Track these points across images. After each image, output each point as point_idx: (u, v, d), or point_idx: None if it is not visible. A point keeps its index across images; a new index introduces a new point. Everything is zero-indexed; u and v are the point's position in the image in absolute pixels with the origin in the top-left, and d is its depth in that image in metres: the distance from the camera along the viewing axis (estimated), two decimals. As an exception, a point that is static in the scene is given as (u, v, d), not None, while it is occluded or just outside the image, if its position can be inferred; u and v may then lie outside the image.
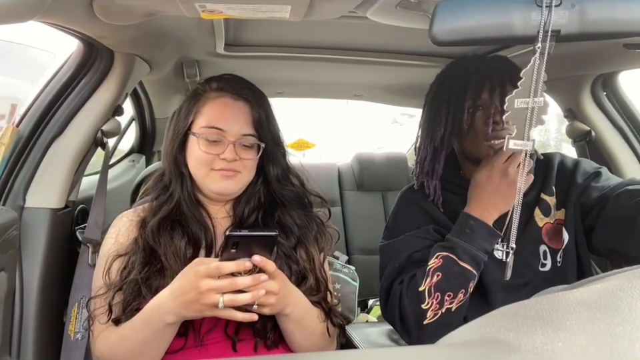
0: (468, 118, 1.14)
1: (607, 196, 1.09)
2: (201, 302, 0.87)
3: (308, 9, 0.98)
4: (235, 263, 0.86)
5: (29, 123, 1.30)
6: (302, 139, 1.56)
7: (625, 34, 0.79)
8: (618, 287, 0.36)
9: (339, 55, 1.73)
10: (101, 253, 1.09)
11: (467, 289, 1.08)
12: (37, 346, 1.21)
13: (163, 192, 1.11)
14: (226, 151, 1.05)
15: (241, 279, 0.87)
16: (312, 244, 1.13)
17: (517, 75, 1.18)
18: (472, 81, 1.14)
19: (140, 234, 1.06)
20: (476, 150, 1.16)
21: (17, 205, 1.24)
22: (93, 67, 1.35)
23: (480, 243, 1.08)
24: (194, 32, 1.46)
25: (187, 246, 1.04)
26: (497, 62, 1.20)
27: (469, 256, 1.07)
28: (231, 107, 1.08)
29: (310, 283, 1.07)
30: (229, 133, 1.06)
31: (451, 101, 1.15)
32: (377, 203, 2.69)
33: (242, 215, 1.12)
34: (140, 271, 1.00)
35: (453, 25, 0.76)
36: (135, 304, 0.99)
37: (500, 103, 1.12)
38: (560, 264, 1.16)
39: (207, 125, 1.06)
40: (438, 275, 1.08)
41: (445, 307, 1.07)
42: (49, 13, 0.94)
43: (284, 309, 0.97)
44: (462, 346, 0.37)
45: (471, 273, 1.08)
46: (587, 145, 1.72)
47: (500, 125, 1.11)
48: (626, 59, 1.40)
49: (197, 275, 0.87)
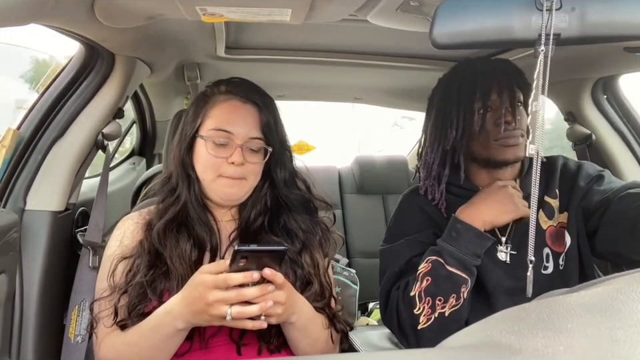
0: (479, 119, 1.14)
1: (609, 199, 1.09)
2: (209, 313, 0.87)
3: (308, 12, 0.98)
4: (242, 275, 0.85)
5: (30, 125, 1.30)
6: (302, 141, 1.56)
7: (626, 37, 0.79)
8: (619, 290, 0.36)
9: (339, 57, 1.73)
10: (105, 256, 1.09)
11: (459, 294, 1.07)
12: (37, 349, 1.21)
13: (169, 195, 1.11)
14: (234, 154, 1.04)
15: (249, 290, 0.86)
16: (317, 249, 1.12)
17: (522, 78, 1.20)
18: (480, 83, 1.15)
19: (145, 237, 1.06)
20: (486, 151, 1.16)
21: (17, 207, 1.24)
22: (94, 70, 1.36)
23: (467, 246, 1.07)
24: (195, 35, 1.46)
25: (192, 249, 1.04)
26: (503, 64, 1.22)
27: (455, 259, 1.06)
28: (239, 110, 1.07)
29: (315, 289, 1.07)
30: (236, 136, 1.05)
31: (460, 103, 1.15)
32: (378, 206, 2.69)
33: (248, 218, 1.11)
34: (145, 273, 1.00)
35: (454, 28, 0.77)
36: (140, 307, 0.98)
37: (510, 103, 1.13)
38: (562, 267, 1.16)
39: (215, 127, 1.06)
40: (427, 280, 1.08)
41: (437, 312, 1.06)
42: (50, 15, 0.94)
43: (290, 317, 0.97)
44: (463, 349, 0.37)
45: (460, 278, 1.06)
46: (587, 149, 1.72)
47: (512, 125, 1.12)
48: (626, 62, 1.40)
49: (204, 286, 0.87)
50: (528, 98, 1.17)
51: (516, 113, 1.13)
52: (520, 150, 1.14)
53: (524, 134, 1.14)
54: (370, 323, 2.06)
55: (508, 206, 1.07)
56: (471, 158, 1.21)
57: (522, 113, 1.15)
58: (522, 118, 1.14)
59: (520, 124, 1.14)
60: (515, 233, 1.17)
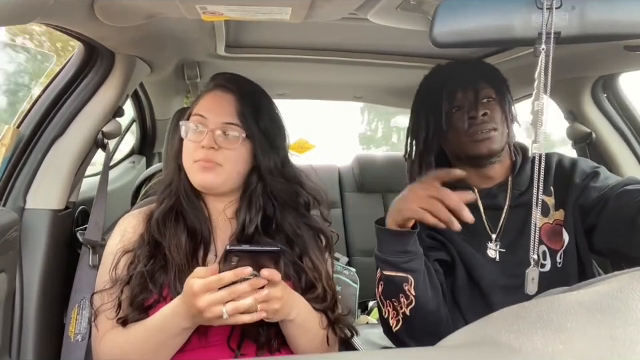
0: (447, 119, 1.17)
1: (607, 196, 1.09)
2: (204, 316, 0.88)
3: (308, 10, 0.98)
4: (233, 272, 0.86)
5: (30, 123, 1.30)
6: (302, 139, 1.56)
7: (626, 36, 0.79)
8: (618, 288, 0.36)
9: (339, 56, 1.73)
10: (105, 252, 1.10)
11: (405, 293, 1.05)
12: (37, 347, 1.21)
13: (166, 187, 1.15)
14: (205, 138, 1.06)
15: (239, 285, 0.87)
16: (314, 252, 1.12)
17: (496, 75, 1.21)
18: (447, 84, 1.18)
19: (146, 229, 1.09)
20: (461, 149, 1.18)
21: (17, 206, 1.24)
22: (93, 68, 1.35)
23: (387, 247, 1.06)
24: (195, 33, 1.46)
25: (187, 239, 1.06)
26: (473, 65, 1.28)
27: (384, 263, 1.06)
28: (217, 98, 1.11)
29: (318, 293, 1.07)
30: (210, 121, 1.08)
31: (430, 105, 1.20)
32: (378, 204, 2.69)
33: (244, 221, 1.10)
34: (145, 263, 1.02)
35: (454, 27, 0.77)
36: (141, 298, 1.00)
37: (474, 99, 1.15)
38: (560, 264, 1.16)
39: (193, 113, 1.11)
40: (381, 284, 1.09)
41: (400, 313, 1.07)
42: (50, 14, 0.94)
43: (289, 313, 0.97)
44: (462, 348, 0.37)
45: (397, 278, 1.05)
46: (587, 147, 1.72)
47: (477, 119, 1.14)
48: (626, 60, 1.40)
49: (192, 294, 0.88)
50: (503, 94, 1.19)
51: (481, 107, 1.15)
52: (492, 143, 1.15)
53: (496, 127, 1.15)
54: (370, 322, 2.06)
55: (399, 205, 1.03)
56: (457, 158, 1.23)
57: (492, 108, 1.16)
58: (492, 112, 1.15)
59: (490, 118, 1.15)
60: (505, 231, 1.18)
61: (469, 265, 1.16)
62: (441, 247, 1.18)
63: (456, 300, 1.17)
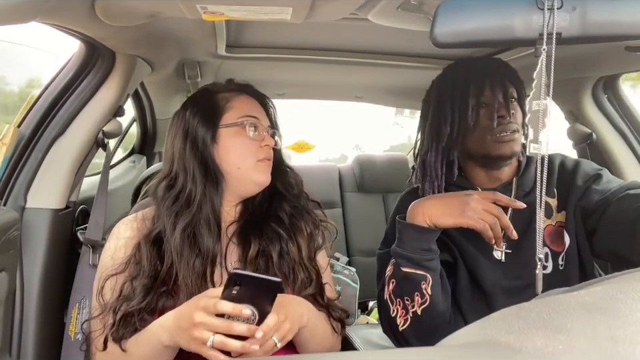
0: (473, 115, 1.15)
1: (608, 200, 1.09)
2: (192, 333, 0.84)
3: (309, 11, 0.98)
4: (232, 306, 0.81)
5: (31, 123, 1.30)
6: (302, 140, 1.56)
7: (627, 36, 0.79)
8: (618, 289, 0.36)
9: (340, 56, 1.73)
10: (99, 265, 1.07)
11: (422, 291, 1.05)
12: (38, 346, 1.21)
13: (177, 199, 1.04)
14: (266, 137, 1.09)
15: (238, 325, 0.82)
16: (303, 237, 1.10)
17: (515, 75, 1.20)
18: (474, 80, 1.16)
19: (144, 239, 1.02)
20: (482, 147, 1.16)
21: (17, 205, 1.24)
22: (94, 68, 1.35)
23: (410, 243, 1.06)
24: (195, 33, 1.46)
25: (200, 262, 1.00)
26: (495, 62, 1.24)
27: (404, 259, 1.06)
28: (254, 102, 1.13)
29: (301, 278, 1.06)
30: (262, 121, 1.10)
31: (455, 100, 1.17)
32: (378, 204, 2.69)
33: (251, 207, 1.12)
34: (144, 295, 0.97)
35: (454, 27, 0.77)
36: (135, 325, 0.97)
37: (503, 98, 1.14)
38: (562, 267, 1.15)
39: (244, 114, 1.09)
40: (393, 282, 1.08)
41: (410, 312, 1.06)
42: (51, 13, 0.94)
43: (301, 321, 0.94)
44: (462, 348, 0.37)
45: (417, 276, 1.05)
46: (587, 148, 1.72)
47: (506, 119, 1.13)
48: (627, 61, 1.40)
49: (196, 306, 0.85)
50: (523, 95, 1.18)
51: (509, 107, 1.14)
52: (515, 145, 1.15)
53: (519, 129, 1.15)
54: (370, 322, 2.06)
55: (454, 209, 1.02)
56: (468, 156, 1.21)
57: (516, 109, 1.16)
58: (516, 113, 1.15)
59: (514, 119, 1.15)
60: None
61: (471, 266, 1.16)
62: (443, 247, 1.16)
63: (457, 302, 1.17)
